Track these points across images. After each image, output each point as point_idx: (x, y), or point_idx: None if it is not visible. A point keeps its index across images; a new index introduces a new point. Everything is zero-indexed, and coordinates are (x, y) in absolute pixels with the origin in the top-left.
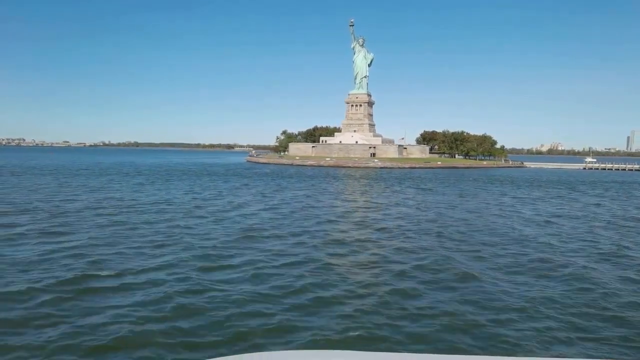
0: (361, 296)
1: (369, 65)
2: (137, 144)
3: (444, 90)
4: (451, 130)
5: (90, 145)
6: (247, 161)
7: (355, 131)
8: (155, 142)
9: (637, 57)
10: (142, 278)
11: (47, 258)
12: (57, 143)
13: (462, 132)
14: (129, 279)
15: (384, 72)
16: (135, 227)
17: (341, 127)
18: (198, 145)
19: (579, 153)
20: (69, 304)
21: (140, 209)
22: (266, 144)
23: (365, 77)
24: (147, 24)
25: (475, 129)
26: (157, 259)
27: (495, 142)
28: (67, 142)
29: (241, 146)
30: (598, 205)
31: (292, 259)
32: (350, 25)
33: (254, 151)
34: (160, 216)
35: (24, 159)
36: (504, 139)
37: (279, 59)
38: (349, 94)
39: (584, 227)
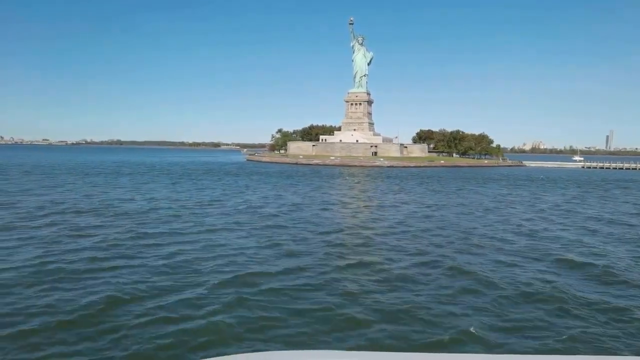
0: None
1: (369, 64)
2: (120, 142)
3: (431, 89)
4: (447, 129)
5: (73, 144)
6: (248, 160)
7: (355, 130)
8: (139, 140)
9: (616, 56)
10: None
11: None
12: (36, 141)
13: (458, 131)
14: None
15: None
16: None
17: (341, 125)
18: (182, 143)
19: (561, 152)
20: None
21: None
22: (252, 142)
23: (364, 75)
24: (133, 23)
25: (458, 127)
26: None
27: (492, 141)
28: (47, 140)
29: (227, 144)
30: None
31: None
32: (350, 24)
33: (245, 150)
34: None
35: (20, 158)
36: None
37: (265, 59)
38: (348, 93)
39: None
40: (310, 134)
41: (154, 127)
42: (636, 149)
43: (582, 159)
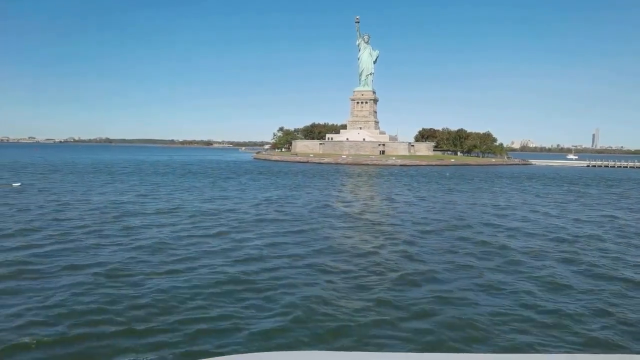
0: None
1: (374, 62)
2: (109, 140)
3: (425, 89)
4: (443, 127)
5: (61, 142)
6: (255, 158)
7: (360, 128)
8: (128, 138)
9: (603, 56)
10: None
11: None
12: (23, 139)
13: (463, 130)
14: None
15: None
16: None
17: (345, 124)
18: (172, 141)
19: (549, 150)
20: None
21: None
22: (244, 140)
23: (370, 74)
24: (125, 20)
25: (448, 125)
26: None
27: (495, 140)
28: (33, 137)
29: (219, 143)
30: None
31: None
32: (356, 22)
33: (244, 148)
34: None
35: (19, 157)
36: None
37: (260, 58)
38: (354, 91)
39: None
40: (313, 132)
41: (142, 125)
42: (621, 147)
43: (576, 157)
